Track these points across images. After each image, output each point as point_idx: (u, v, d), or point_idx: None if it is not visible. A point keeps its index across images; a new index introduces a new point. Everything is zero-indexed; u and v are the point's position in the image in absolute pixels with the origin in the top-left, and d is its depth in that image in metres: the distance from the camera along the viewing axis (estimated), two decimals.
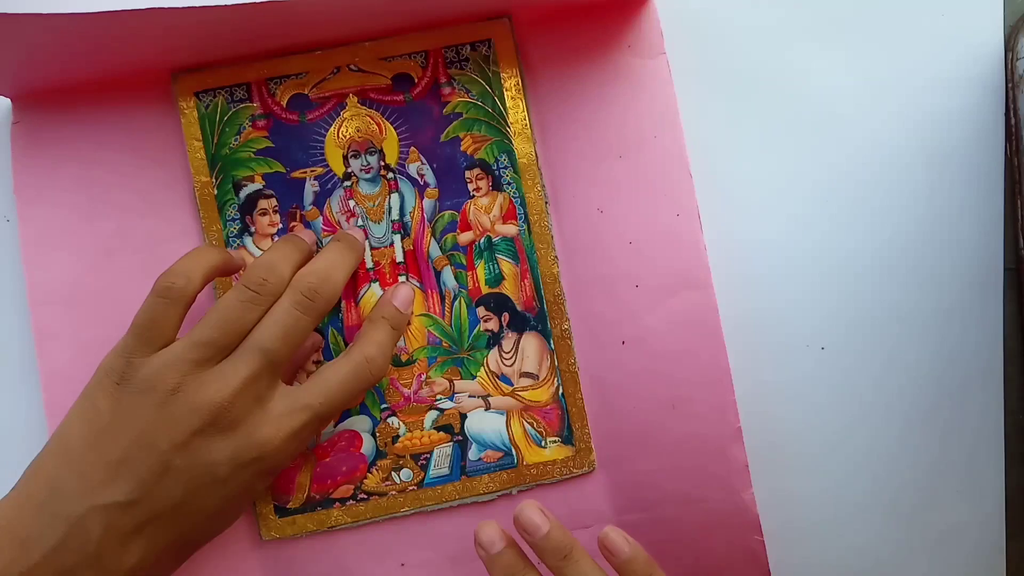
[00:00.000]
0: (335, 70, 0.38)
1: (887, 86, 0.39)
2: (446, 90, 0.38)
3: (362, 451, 0.38)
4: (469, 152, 0.38)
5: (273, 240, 0.38)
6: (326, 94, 0.38)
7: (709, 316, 0.38)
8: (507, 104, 0.38)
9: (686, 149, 0.38)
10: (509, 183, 0.38)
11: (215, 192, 0.38)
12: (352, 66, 0.38)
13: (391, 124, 0.38)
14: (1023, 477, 0.40)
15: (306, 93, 0.38)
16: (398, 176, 0.38)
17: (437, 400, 0.38)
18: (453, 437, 0.38)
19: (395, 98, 0.38)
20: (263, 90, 0.38)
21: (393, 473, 0.38)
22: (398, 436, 0.38)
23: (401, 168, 0.38)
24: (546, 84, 0.38)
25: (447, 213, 0.38)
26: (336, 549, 0.38)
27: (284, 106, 0.38)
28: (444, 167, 0.38)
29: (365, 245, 0.38)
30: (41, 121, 0.37)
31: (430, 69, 0.38)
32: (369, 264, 0.38)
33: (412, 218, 0.38)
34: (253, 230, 0.38)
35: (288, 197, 0.38)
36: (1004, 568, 0.40)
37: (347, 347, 0.36)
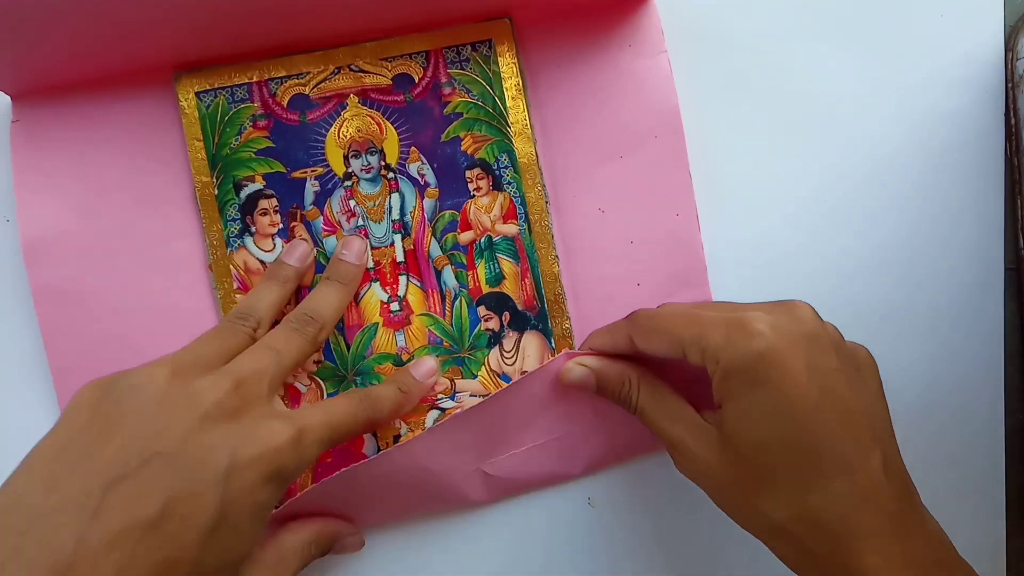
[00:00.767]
0: (336, 70, 0.38)
1: (887, 86, 0.39)
2: (446, 90, 0.38)
3: (363, 451, 0.38)
4: (469, 152, 0.38)
5: (274, 240, 0.38)
6: (327, 94, 0.38)
7: None
8: (507, 104, 0.38)
9: (686, 149, 0.38)
10: (509, 183, 0.38)
11: (216, 192, 0.38)
12: (353, 66, 0.38)
13: (392, 124, 0.38)
14: (1022, 477, 0.40)
15: (307, 93, 0.38)
16: (398, 176, 0.38)
17: (438, 399, 0.38)
18: None
19: (396, 98, 0.38)
20: (264, 90, 0.38)
21: None
22: (399, 436, 0.38)
23: (402, 168, 0.38)
24: (547, 84, 0.38)
25: (447, 213, 0.38)
26: None
27: (285, 106, 0.38)
28: (444, 167, 0.38)
29: (366, 248, 0.38)
30: (41, 120, 0.37)
31: (431, 69, 0.38)
32: (370, 264, 0.38)
33: (412, 218, 0.38)
34: (254, 230, 0.38)
35: (289, 197, 0.38)
36: (1004, 568, 0.40)
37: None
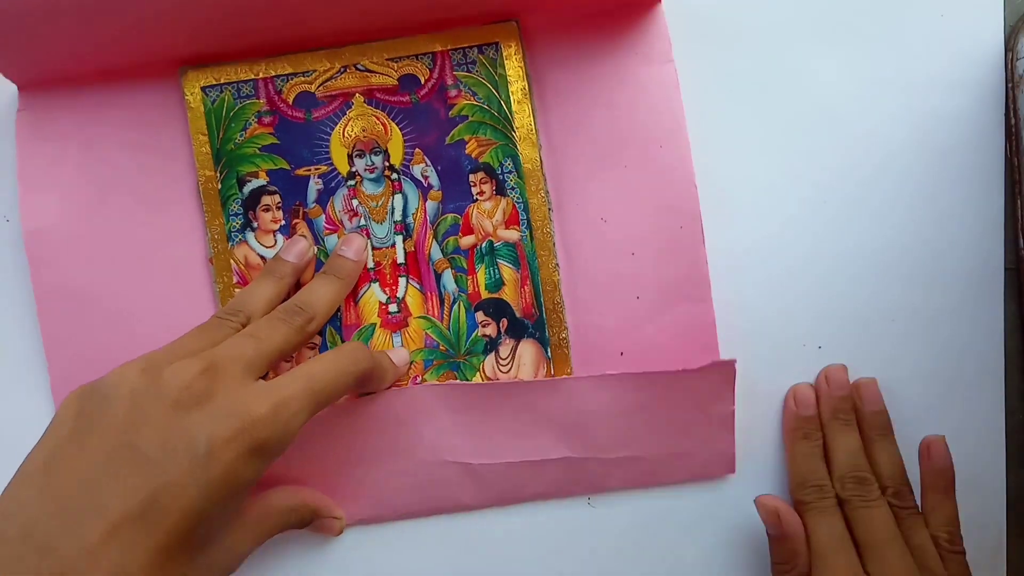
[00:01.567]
0: (342, 69, 0.38)
1: (887, 86, 0.39)
2: (452, 92, 0.38)
3: None
4: (474, 155, 0.38)
5: (275, 236, 0.38)
6: (332, 93, 0.38)
7: (706, 329, 0.37)
8: (513, 108, 0.38)
9: (692, 160, 0.37)
10: (513, 188, 0.38)
11: (219, 187, 0.38)
12: (359, 65, 0.38)
13: (396, 125, 0.38)
14: (1022, 477, 0.39)
15: (313, 91, 0.38)
16: (402, 177, 0.38)
17: None
18: None
19: (401, 99, 0.38)
20: (270, 87, 0.38)
21: None
22: None
23: (405, 169, 0.38)
24: (553, 89, 0.38)
25: (450, 216, 0.38)
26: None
27: (290, 103, 0.38)
28: (448, 169, 0.38)
29: (366, 246, 0.38)
30: (47, 111, 0.38)
31: (437, 71, 0.38)
32: (370, 264, 0.38)
33: (414, 220, 0.38)
34: (256, 226, 0.38)
35: (292, 194, 0.38)
36: (1004, 568, 0.40)
37: None
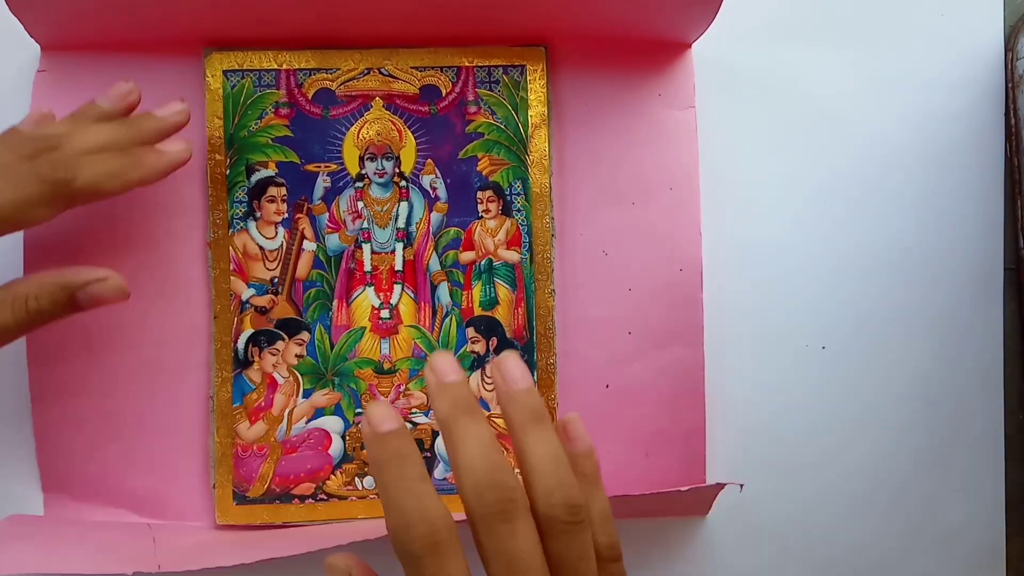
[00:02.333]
0: (366, 71, 0.38)
1: (887, 86, 0.39)
2: (472, 108, 0.38)
3: (329, 451, 0.38)
4: (484, 173, 0.38)
5: (277, 229, 0.38)
6: (353, 93, 0.38)
7: (695, 373, 0.38)
8: (530, 132, 0.38)
9: (700, 207, 0.38)
10: (519, 210, 0.38)
11: (227, 172, 0.38)
12: (383, 70, 0.38)
13: (412, 133, 0.38)
14: (1022, 477, 0.39)
15: (333, 89, 0.38)
16: (410, 185, 0.38)
17: (412, 413, 0.38)
18: (422, 453, 0.38)
19: (420, 108, 0.38)
20: (291, 79, 0.38)
21: (357, 479, 0.38)
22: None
23: (415, 178, 0.38)
24: (571, 118, 0.38)
25: (453, 229, 0.38)
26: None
27: (310, 98, 0.38)
28: (457, 184, 0.38)
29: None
30: (67, 74, 0.37)
31: (459, 85, 0.38)
32: (367, 267, 0.38)
33: (417, 229, 0.38)
34: (259, 215, 0.38)
35: (298, 188, 0.38)
36: (1004, 568, 0.40)
37: None
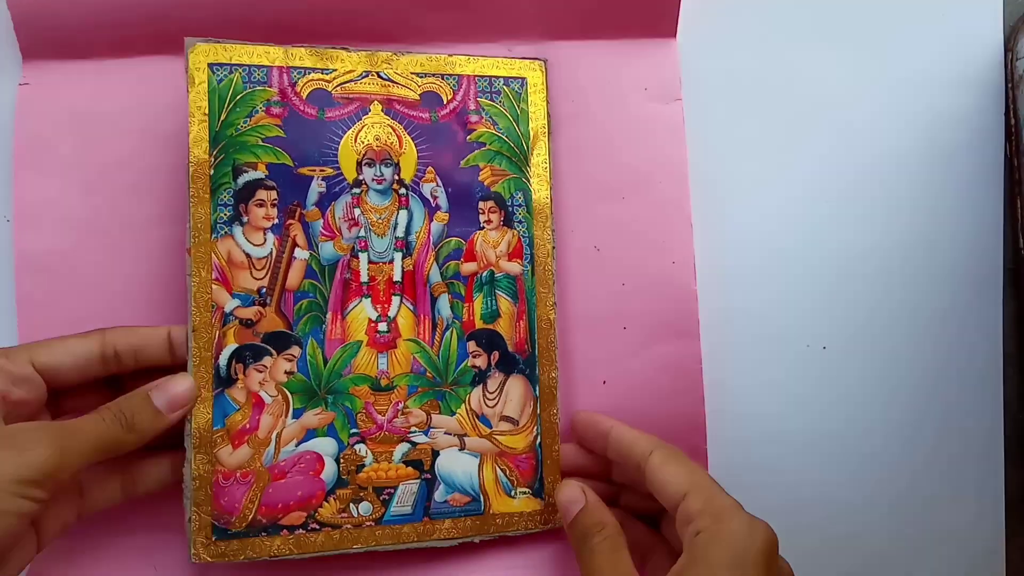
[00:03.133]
0: (364, 74, 0.36)
1: (887, 86, 0.39)
2: (473, 118, 0.37)
3: (322, 476, 0.35)
4: (486, 183, 0.37)
5: (266, 235, 0.35)
6: (350, 96, 0.36)
7: (692, 365, 0.38)
8: (531, 144, 0.38)
9: (690, 198, 0.38)
10: (521, 221, 0.37)
11: (211, 172, 0.34)
12: (382, 74, 0.37)
13: (412, 140, 0.37)
14: (1022, 477, 0.40)
15: (330, 91, 0.36)
16: (410, 193, 0.37)
17: (411, 432, 0.36)
18: (422, 474, 0.36)
19: (421, 114, 0.37)
20: (284, 77, 0.36)
21: (352, 505, 0.35)
22: (363, 465, 0.35)
23: (415, 186, 0.37)
24: (557, 116, 0.38)
25: (454, 240, 0.37)
26: None
27: (304, 98, 0.36)
28: (459, 193, 0.37)
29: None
30: (50, 85, 0.36)
31: (461, 93, 0.37)
32: (364, 278, 0.36)
33: (417, 239, 0.37)
34: (245, 220, 0.35)
35: (290, 193, 0.35)
36: (1004, 568, 0.40)
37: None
